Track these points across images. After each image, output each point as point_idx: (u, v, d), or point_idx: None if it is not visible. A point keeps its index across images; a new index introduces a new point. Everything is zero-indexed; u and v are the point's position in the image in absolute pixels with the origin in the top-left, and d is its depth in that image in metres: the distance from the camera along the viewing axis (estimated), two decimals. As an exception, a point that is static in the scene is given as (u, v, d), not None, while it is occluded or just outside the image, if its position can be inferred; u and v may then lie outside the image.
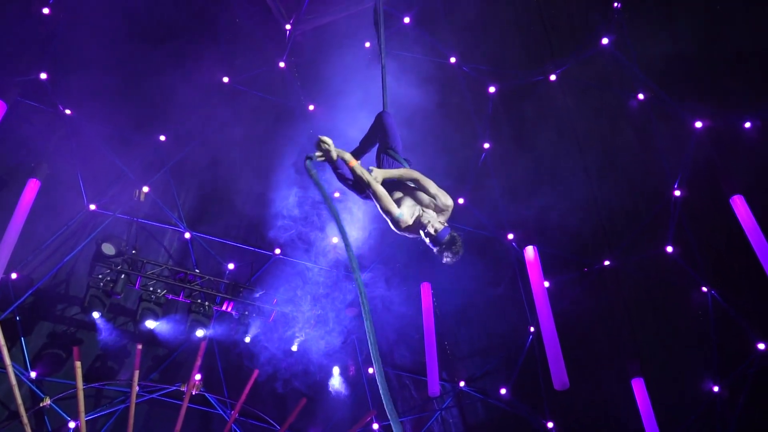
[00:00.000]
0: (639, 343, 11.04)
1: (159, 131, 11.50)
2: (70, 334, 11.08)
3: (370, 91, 10.92)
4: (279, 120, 12.41)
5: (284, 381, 11.51)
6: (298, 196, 11.44)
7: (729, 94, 10.38)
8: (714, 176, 10.29)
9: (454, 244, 5.03)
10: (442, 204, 5.19)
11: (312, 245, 11.77)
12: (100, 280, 10.38)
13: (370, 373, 12.38)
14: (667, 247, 11.05)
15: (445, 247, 5.03)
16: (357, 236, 10.76)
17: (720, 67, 10.30)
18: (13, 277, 10.31)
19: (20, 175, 10.14)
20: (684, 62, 10.40)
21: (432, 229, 5.01)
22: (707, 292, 10.84)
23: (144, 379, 11.26)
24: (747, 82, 10.19)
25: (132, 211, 11.32)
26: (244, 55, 12.06)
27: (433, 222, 5.04)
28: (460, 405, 12.28)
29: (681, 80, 10.55)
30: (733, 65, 10.19)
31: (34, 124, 10.45)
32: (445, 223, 5.13)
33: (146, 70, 11.17)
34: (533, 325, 11.42)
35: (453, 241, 5.03)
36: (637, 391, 10.44)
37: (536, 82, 11.52)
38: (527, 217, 11.58)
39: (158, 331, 10.98)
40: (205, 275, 11.37)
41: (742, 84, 10.26)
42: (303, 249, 11.88)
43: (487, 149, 11.88)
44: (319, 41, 12.09)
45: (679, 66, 10.53)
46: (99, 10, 10.50)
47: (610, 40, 10.91)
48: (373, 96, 10.87)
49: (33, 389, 10.59)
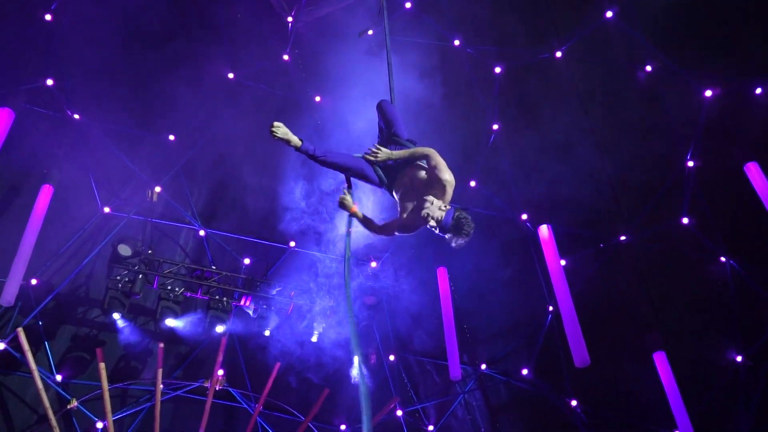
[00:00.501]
0: (659, 317, 10.96)
1: (168, 130, 11.53)
2: (93, 337, 11.21)
3: (376, 79, 10.89)
4: (285, 113, 12.39)
5: (306, 372, 11.58)
6: (308, 188, 11.46)
7: (738, 61, 10.23)
8: (727, 144, 10.18)
9: (462, 227, 4.84)
10: (445, 181, 4.93)
11: (324, 236, 11.79)
12: (119, 282, 10.48)
13: (391, 361, 12.43)
14: (683, 218, 10.95)
15: (453, 232, 4.86)
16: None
17: (728, 34, 10.15)
18: (33, 283, 10.41)
19: (33, 181, 10.24)
20: (690, 30, 10.27)
21: (434, 222, 4.83)
22: (725, 262, 10.74)
23: (168, 377, 11.37)
24: (756, 47, 10.03)
25: (146, 212, 11.38)
26: (247, 50, 12.05)
27: (433, 212, 4.83)
28: (482, 387, 12.30)
29: (689, 49, 10.41)
30: (740, 31, 10.03)
31: (43, 131, 10.52)
32: (448, 205, 4.92)
33: (151, 71, 11.21)
34: (552, 304, 11.39)
35: (459, 225, 4.83)
36: (659, 364, 10.38)
37: (542, 60, 11.42)
38: (540, 196, 11.53)
39: (179, 329, 11.06)
40: (221, 271, 11.44)
41: (752, 49, 10.11)
42: (316, 240, 11.91)
43: (496, 130, 11.81)
44: (322, 32, 12.06)
45: (685, 35, 10.40)
46: (100, 13, 10.52)
47: (614, 12, 10.79)
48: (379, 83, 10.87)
49: (59, 392, 10.73)
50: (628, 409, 11.11)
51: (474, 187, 11.91)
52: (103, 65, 10.77)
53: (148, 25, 10.91)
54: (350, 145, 10.62)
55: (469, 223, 4.87)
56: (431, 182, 5.01)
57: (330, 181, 11.25)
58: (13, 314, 10.28)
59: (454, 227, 4.84)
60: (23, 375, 10.39)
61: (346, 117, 10.96)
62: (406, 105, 10.05)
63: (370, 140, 6.30)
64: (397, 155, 5.13)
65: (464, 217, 4.86)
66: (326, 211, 11.59)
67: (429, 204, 4.87)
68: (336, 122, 11.52)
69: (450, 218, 4.83)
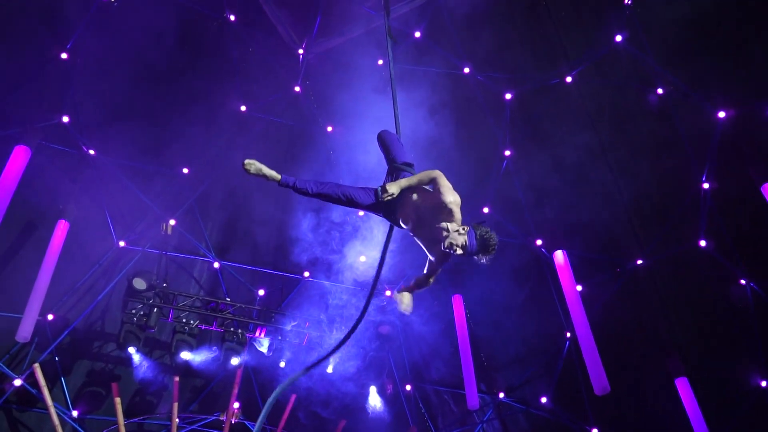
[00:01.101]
0: (679, 342, 10.78)
1: (181, 164, 11.64)
2: (109, 371, 11.20)
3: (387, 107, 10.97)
4: (298, 144, 12.51)
5: (322, 404, 11.48)
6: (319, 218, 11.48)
7: (751, 81, 10.17)
8: (742, 165, 10.06)
9: (488, 244, 4.67)
10: (450, 203, 4.73)
11: (340, 266, 11.77)
12: (134, 315, 10.51)
13: (407, 390, 12.29)
14: (700, 241, 10.81)
15: (481, 252, 4.70)
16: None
17: (739, 54, 10.10)
18: (49, 318, 10.45)
19: (49, 217, 10.33)
20: (701, 52, 10.24)
21: (460, 250, 4.66)
22: (746, 285, 10.56)
23: (183, 411, 11.32)
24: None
25: (160, 245, 11.45)
26: (259, 83, 12.20)
27: (456, 240, 4.65)
28: (501, 417, 12.10)
29: (700, 70, 10.36)
30: (752, 51, 9.98)
31: (59, 167, 10.66)
32: (465, 226, 4.73)
33: (164, 106, 11.38)
34: (569, 331, 11.23)
35: (485, 243, 4.66)
36: (682, 390, 10.18)
37: (552, 85, 11.43)
38: (554, 221, 11.46)
39: (194, 362, 11.03)
40: (236, 303, 11.43)
41: (765, 69, 10.06)
42: (332, 270, 11.89)
43: (508, 156, 11.80)
44: (333, 63, 12.19)
45: (696, 56, 10.36)
46: (114, 51, 10.70)
47: (624, 36, 10.80)
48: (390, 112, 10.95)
49: (76, 428, 10.70)
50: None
51: (487, 214, 11.86)
52: (116, 101, 10.93)
53: (161, 61, 11.07)
54: (361, 176, 10.67)
55: (492, 237, 4.71)
56: (436, 207, 4.82)
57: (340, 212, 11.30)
58: (29, 350, 10.33)
59: (481, 247, 4.68)
60: (40, 411, 10.38)
61: (356, 147, 11.00)
62: (416, 134, 10.12)
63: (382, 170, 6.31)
64: (406, 184, 4.93)
65: (486, 232, 4.69)
66: (341, 240, 11.59)
67: (447, 233, 4.69)
68: (347, 153, 11.58)
69: (473, 239, 4.66)
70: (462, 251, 4.69)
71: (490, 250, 4.71)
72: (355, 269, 11.81)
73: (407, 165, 5.28)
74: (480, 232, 4.68)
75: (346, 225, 11.63)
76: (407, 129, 5.92)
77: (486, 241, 4.67)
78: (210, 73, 11.82)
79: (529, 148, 11.69)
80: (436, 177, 4.84)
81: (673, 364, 10.39)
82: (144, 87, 11.11)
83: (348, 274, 11.81)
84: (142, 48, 10.77)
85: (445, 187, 4.78)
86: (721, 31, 10.16)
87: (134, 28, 10.60)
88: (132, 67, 10.84)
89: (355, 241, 11.50)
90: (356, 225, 11.58)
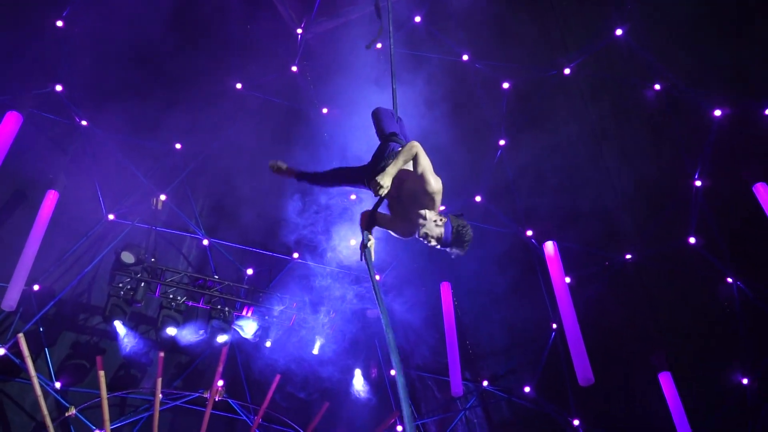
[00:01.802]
0: (664, 337, 10.85)
1: (174, 139, 11.56)
2: (93, 344, 11.15)
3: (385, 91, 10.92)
4: (293, 124, 12.44)
5: (306, 385, 11.50)
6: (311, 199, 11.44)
7: (748, 81, 10.19)
8: (735, 164, 10.09)
9: (463, 239, 4.60)
10: (432, 192, 4.63)
11: (328, 248, 11.74)
12: (121, 289, 10.45)
13: (392, 375, 12.33)
14: (690, 237, 10.86)
15: (454, 245, 4.63)
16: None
17: (737, 54, 10.10)
18: (35, 289, 10.38)
19: (38, 187, 10.22)
20: (700, 49, 10.24)
21: (435, 241, 4.60)
22: (733, 283, 10.63)
23: (167, 387, 11.29)
24: (766, 67, 9.99)
25: (150, 220, 11.37)
26: (256, 61, 12.10)
27: (431, 231, 4.59)
28: (484, 404, 12.17)
29: (698, 68, 10.37)
30: (750, 51, 9.99)
31: (50, 136, 10.56)
32: (442, 217, 4.64)
33: (160, 80, 11.27)
34: (555, 322, 11.29)
35: (459, 237, 4.59)
36: (665, 385, 10.25)
37: (551, 76, 11.41)
38: (546, 212, 11.47)
39: (179, 339, 11.00)
40: (224, 281, 11.39)
41: (761, 69, 10.07)
42: (320, 252, 11.87)
43: (503, 146, 11.78)
44: (332, 44, 12.10)
45: (695, 54, 10.36)
46: (112, 22, 10.59)
47: (624, 30, 10.78)
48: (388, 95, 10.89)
49: (58, 399, 10.66)
50: (631, 430, 10.96)
51: (480, 202, 11.86)
52: (111, 73, 10.83)
53: (158, 35, 10.95)
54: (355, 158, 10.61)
55: (468, 232, 4.64)
56: (419, 192, 4.70)
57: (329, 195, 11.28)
58: (14, 319, 10.25)
59: (455, 241, 4.61)
60: (22, 381, 10.32)
61: (352, 129, 10.95)
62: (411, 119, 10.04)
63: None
64: (393, 171, 4.74)
65: (462, 226, 4.62)
66: (329, 223, 11.56)
67: (424, 221, 4.62)
68: (342, 134, 11.53)
69: (449, 232, 4.59)
70: (436, 243, 4.63)
71: (464, 246, 4.64)
72: (343, 252, 11.80)
73: (393, 135, 5.22)
74: (457, 225, 4.60)
75: (335, 207, 11.60)
76: (403, 114, 5.86)
77: (461, 236, 4.60)
78: (207, 50, 11.71)
79: (524, 139, 11.67)
80: (416, 152, 4.68)
81: (657, 358, 10.46)
82: (140, 60, 11.00)
83: (337, 257, 11.80)
84: (139, 21, 10.66)
85: (427, 169, 4.65)
86: (719, 29, 10.15)
87: (132, 1, 10.47)
88: (128, 40, 10.71)
89: (344, 223, 11.48)
90: (345, 207, 11.56)
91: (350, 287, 11.67)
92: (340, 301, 11.56)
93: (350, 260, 11.60)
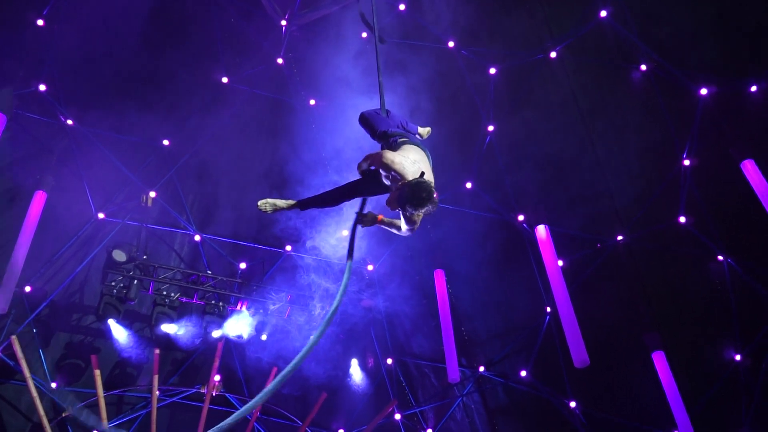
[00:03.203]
0: (657, 317, 10.92)
1: (162, 135, 11.49)
2: (88, 343, 11.13)
3: (371, 81, 10.89)
4: (280, 117, 12.39)
5: (303, 377, 11.51)
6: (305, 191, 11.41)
7: (732, 59, 10.22)
8: (723, 142, 10.14)
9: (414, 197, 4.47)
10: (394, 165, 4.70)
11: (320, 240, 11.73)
12: (113, 288, 10.43)
13: (389, 364, 12.37)
14: (680, 217, 10.92)
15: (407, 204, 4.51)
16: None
17: (721, 32, 10.13)
18: (27, 291, 10.35)
19: (26, 188, 10.17)
20: (684, 29, 10.25)
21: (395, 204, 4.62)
22: (723, 261, 10.71)
23: (164, 384, 11.30)
24: (751, 45, 10.01)
25: (140, 217, 11.33)
26: (241, 54, 12.05)
27: (392, 197, 4.67)
28: (481, 390, 12.23)
29: (683, 47, 10.38)
30: (735, 28, 10.01)
31: (36, 137, 10.49)
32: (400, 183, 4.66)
33: (145, 76, 11.22)
34: (549, 305, 11.34)
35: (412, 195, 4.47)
36: (658, 364, 10.33)
37: (537, 61, 11.40)
38: (537, 197, 11.49)
39: (174, 335, 10.99)
40: (217, 276, 11.37)
41: (747, 47, 10.10)
42: (312, 245, 11.85)
43: (491, 132, 11.79)
44: (316, 35, 12.04)
45: (679, 33, 10.38)
46: (93, 19, 10.50)
47: (609, 12, 10.78)
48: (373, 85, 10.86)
49: (55, 400, 10.64)
50: (627, 410, 11.06)
51: (470, 189, 11.86)
52: (95, 71, 10.75)
53: (141, 31, 10.88)
54: (343, 149, 10.61)
55: (422, 188, 4.50)
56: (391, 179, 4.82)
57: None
58: (6, 322, 10.21)
59: (410, 197, 4.50)
60: (17, 383, 10.31)
61: (339, 120, 10.93)
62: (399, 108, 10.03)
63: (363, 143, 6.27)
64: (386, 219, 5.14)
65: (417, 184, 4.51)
66: (319, 216, 11.53)
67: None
68: (328, 125, 11.51)
69: (404, 192, 4.53)
70: (396, 206, 4.62)
71: (421, 201, 4.48)
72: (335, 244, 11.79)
73: (385, 134, 5.28)
74: (411, 184, 4.52)
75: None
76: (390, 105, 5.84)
77: (413, 193, 4.48)
78: (191, 44, 11.62)
79: (512, 124, 11.67)
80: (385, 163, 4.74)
81: (650, 338, 10.53)
82: (124, 57, 10.93)
83: (329, 249, 11.79)
84: (121, 17, 10.58)
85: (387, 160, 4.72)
86: (704, 8, 10.16)
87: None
88: (111, 37, 10.65)
89: (336, 216, 11.46)
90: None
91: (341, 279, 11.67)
92: (334, 292, 11.56)
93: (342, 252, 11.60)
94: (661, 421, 10.57)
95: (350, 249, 4.88)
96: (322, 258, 11.84)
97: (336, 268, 11.87)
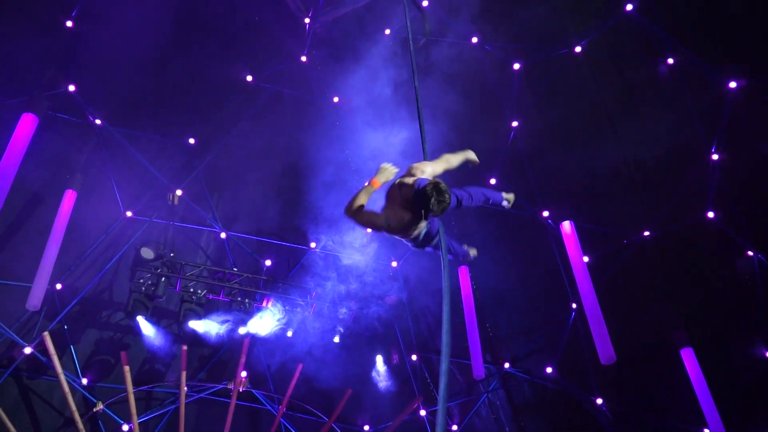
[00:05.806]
0: (685, 313, 10.79)
1: (188, 134, 11.64)
2: (117, 340, 11.30)
3: (394, 78, 10.91)
4: (304, 114, 12.45)
5: (329, 373, 11.58)
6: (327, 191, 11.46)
7: (761, 52, 10.05)
8: (752, 136, 9.99)
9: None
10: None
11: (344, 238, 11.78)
12: (142, 285, 10.57)
13: (414, 360, 12.38)
14: (708, 212, 10.78)
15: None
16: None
17: (750, 24, 9.97)
18: (58, 288, 10.53)
19: (56, 187, 10.34)
20: (710, 22, 10.10)
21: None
22: (753, 256, 10.55)
23: (191, 379, 11.43)
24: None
25: (167, 215, 11.47)
26: (265, 52, 12.15)
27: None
28: (506, 386, 12.19)
29: (711, 41, 10.24)
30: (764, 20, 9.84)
31: (66, 136, 10.67)
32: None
33: (171, 76, 11.34)
34: (575, 302, 11.27)
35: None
36: (687, 361, 10.22)
37: (561, 55, 11.32)
38: (562, 192, 11.41)
39: (201, 331, 11.12)
40: (243, 273, 11.48)
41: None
42: (337, 242, 11.91)
43: (516, 127, 11.73)
44: (340, 32, 12.08)
45: (707, 26, 10.23)
46: (120, 20, 10.63)
47: (634, 5, 10.66)
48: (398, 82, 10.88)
49: (86, 395, 10.83)
50: (655, 407, 10.94)
51: (494, 185, 11.82)
52: (122, 71, 10.88)
53: (167, 31, 10.99)
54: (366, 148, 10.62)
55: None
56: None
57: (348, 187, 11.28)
58: (39, 319, 10.41)
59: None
60: (50, 379, 10.49)
61: (363, 118, 10.96)
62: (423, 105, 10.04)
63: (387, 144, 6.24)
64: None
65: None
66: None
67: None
68: (353, 123, 11.53)
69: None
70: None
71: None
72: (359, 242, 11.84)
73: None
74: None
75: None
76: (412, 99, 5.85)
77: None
78: (216, 43, 11.73)
79: (536, 119, 11.61)
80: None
81: (678, 335, 10.42)
82: (150, 57, 11.05)
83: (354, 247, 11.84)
84: (147, 17, 10.69)
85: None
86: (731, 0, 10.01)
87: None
88: (138, 37, 10.76)
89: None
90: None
91: (369, 274, 11.72)
92: (359, 289, 11.61)
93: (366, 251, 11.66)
94: (690, 417, 10.44)
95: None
96: (347, 254, 11.88)
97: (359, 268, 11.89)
